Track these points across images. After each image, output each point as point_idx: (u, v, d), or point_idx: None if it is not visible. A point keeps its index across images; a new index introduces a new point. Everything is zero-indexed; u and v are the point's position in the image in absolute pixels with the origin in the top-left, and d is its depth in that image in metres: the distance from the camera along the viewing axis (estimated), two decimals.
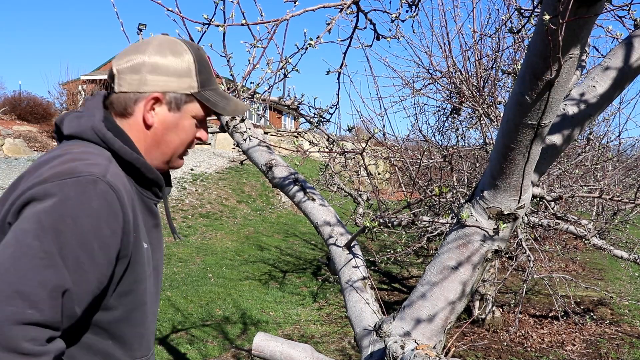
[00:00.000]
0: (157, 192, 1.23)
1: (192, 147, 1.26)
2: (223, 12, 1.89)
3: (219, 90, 1.24)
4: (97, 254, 1.00)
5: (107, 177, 1.04)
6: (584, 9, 1.04)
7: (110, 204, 1.02)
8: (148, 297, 1.18)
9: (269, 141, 2.44)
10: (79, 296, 0.99)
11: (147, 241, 1.17)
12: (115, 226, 1.03)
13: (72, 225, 0.97)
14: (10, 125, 16.38)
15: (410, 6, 1.89)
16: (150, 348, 1.24)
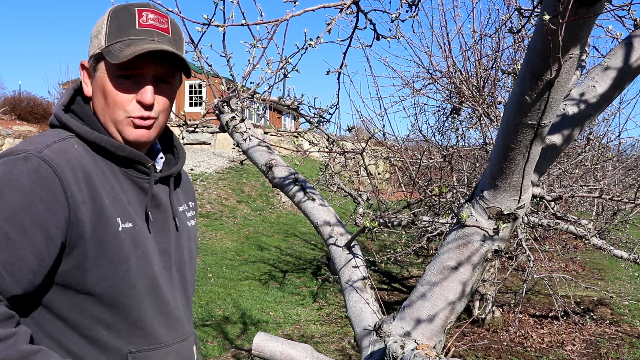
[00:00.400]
0: (140, 168, 1.17)
1: (138, 114, 1.13)
2: (223, 12, 1.89)
3: (134, 39, 1.10)
4: (29, 230, 0.97)
5: (43, 153, 1.02)
6: (584, 9, 1.04)
7: (44, 178, 0.99)
8: (137, 280, 1.11)
9: (269, 141, 2.44)
10: (11, 272, 0.96)
11: (133, 220, 1.12)
12: (52, 201, 0.99)
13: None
14: (10, 125, 16.38)
15: (410, 6, 1.89)
16: (155, 339, 1.17)
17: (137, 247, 1.12)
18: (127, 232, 1.10)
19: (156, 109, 1.15)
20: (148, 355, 1.15)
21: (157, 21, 1.14)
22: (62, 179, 1.01)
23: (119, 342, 1.11)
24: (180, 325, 1.24)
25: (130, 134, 1.14)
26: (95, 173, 1.08)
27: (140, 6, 1.15)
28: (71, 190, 1.02)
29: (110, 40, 1.10)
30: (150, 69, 1.12)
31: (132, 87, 1.12)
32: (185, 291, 1.29)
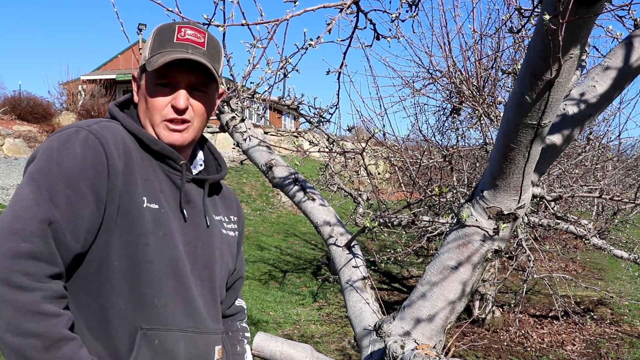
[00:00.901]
0: (172, 164, 1.28)
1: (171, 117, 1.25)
2: (223, 12, 1.89)
3: (170, 50, 1.24)
4: (85, 192, 1.11)
5: (92, 127, 1.17)
6: (584, 8, 1.04)
7: (93, 147, 1.14)
8: (155, 257, 1.18)
9: (269, 141, 2.45)
10: (72, 229, 1.09)
11: (160, 204, 1.21)
12: (101, 168, 1.13)
13: (57, 168, 1.09)
14: (10, 125, 16.38)
15: (410, 6, 1.89)
16: (169, 321, 1.20)
17: (159, 227, 1.20)
18: (151, 211, 1.19)
19: (190, 114, 1.27)
20: (159, 335, 1.19)
21: (194, 36, 1.27)
22: (105, 149, 1.15)
23: (133, 316, 1.17)
24: (200, 318, 1.27)
25: (165, 136, 1.27)
26: (134, 153, 1.21)
27: (182, 24, 1.29)
28: (112, 159, 1.15)
29: (152, 53, 1.26)
30: (184, 77, 1.25)
31: (168, 94, 1.26)
32: (212, 289, 1.33)
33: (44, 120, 17.75)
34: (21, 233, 1.03)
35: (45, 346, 1.00)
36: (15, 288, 1.00)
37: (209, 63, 1.25)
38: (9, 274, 1.00)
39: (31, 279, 1.02)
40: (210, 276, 1.32)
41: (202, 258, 1.30)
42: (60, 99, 21.88)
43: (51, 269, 1.06)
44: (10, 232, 1.03)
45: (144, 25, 22.77)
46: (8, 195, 10.54)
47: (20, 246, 1.02)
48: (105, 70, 25.35)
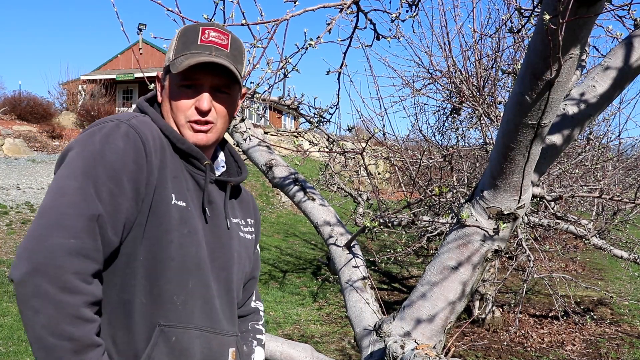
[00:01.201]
0: (197, 164, 1.29)
1: (195, 118, 1.27)
2: (223, 12, 1.89)
3: (195, 52, 1.25)
4: (126, 186, 1.12)
5: (131, 121, 1.19)
6: (584, 8, 1.04)
7: (134, 142, 1.15)
8: (178, 255, 1.19)
9: (269, 141, 2.44)
10: (114, 223, 1.10)
11: (187, 202, 1.23)
12: (141, 163, 1.15)
13: (101, 162, 1.11)
14: (10, 125, 16.38)
15: (410, 6, 1.89)
16: (186, 320, 1.21)
17: (184, 225, 1.21)
18: (178, 208, 1.21)
19: (213, 115, 1.29)
20: (177, 332, 1.20)
21: (217, 38, 1.28)
22: (145, 145, 1.17)
23: (152, 312, 1.17)
24: (217, 318, 1.28)
25: (190, 137, 1.28)
26: (167, 149, 1.24)
27: (206, 25, 1.30)
28: (150, 155, 1.17)
29: (176, 55, 1.27)
30: (207, 79, 1.26)
31: (192, 95, 1.27)
32: (228, 291, 1.33)
33: (44, 120, 17.74)
34: (70, 229, 1.03)
35: (75, 350, 1.02)
36: (61, 288, 1.01)
37: (231, 65, 1.26)
38: (59, 271, 1.01)
39: (78, 278, 1.03)
40: (227, 278, 1.32)
41: (220, 260, 1.31)
42: (60, 99, 21.89)
43: (96, 266, 1.07)
44: (59, 228, 1.03)
45: (144, 25, 22.74)
46: (8, 195, 10.55)
47: (69, 242, 1.02)
48: (105, 70, 25.35)
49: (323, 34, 1.66)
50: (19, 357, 4.78)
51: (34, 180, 12.00)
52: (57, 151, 15.84)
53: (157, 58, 24.73)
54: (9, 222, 9.01)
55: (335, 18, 1.62)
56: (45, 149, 15.82)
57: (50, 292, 1.00)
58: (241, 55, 1.33)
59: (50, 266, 1.00)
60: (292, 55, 1.96)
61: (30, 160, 14.16)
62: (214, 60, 1.23)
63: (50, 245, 1.01)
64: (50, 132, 16.94)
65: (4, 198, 10.25)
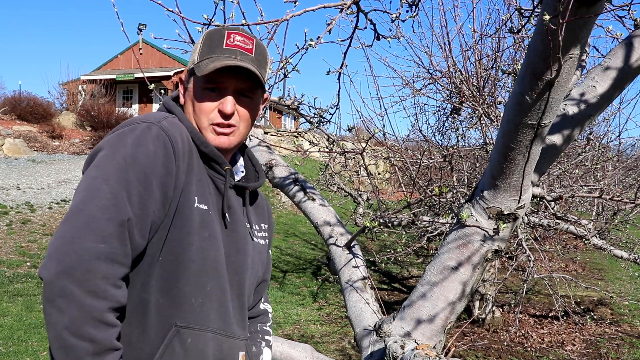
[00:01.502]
0: (217, 168, 1.29)
1: (217, 121, 1.27)
2: (223, 12, 1.89)
3: (220, 56, 1.25)
4: (155, 191, 1.13)
5: (162, 123, 1.19)
6: (584, 9, 1.04)
7: (164, 145, 1.16)
8: (197, 257, 1.21)
9: (269, 141, 2.44)
10: (141, 227, 1.11)
11: (208, 205, 1.24)
12: (170, 167, 1.16)
13: (132, 165, 1.11)
14: (10, 125, 16.38)
15: (410, 6, 1.89)
16: (202, 322, 1.22)
17: (205, 228, 1.22)
18: (200, 212, 1.22)
19: (236, 118, 1.29)
20: (192, 333, 1.21)
21: (242, 42, 1.29)
22: (175, 148, 1.17)
23: (171, 312, 1.19)
24: (229, 322, 1.29)
25: (212, 139, 1.29)
26: (194, 152, 1.25)
27: (231, 29, 1.32)
28: (179, 159, 1.18)
29: (201, 57, 1.27)
30: (231, 83, 1.27)
31: (215, 98, 1.28)
32: (240, 295, 1.34)
33: (44, 120, 17.74)
34: (100, 234, 1.04)
35: (95, 352, 1.03)
36: (88, 292, 1.02)
37: (256, 70, 1.27)
38: (87, 275, 1.02)
39: (107, 282, 1.04)
40: (240, 283, 1.33)
41: (235, 264, 1.32)
42: (60, 99, 21.90)
43: (124, 270, 1.08)
44: (90, 231, 1.04)
45: (144, 25, 22.75)
46: (8, 195, 10.55)
47: (99, 247, 1.03)
48: (105, 70, 25.35)
49: (323, 34, 1.66)
50: (19, 357, 4.78)
51: (34, 180, 12.00)
52: (57, 151, 15.85)
53: (157, 58, 24.74)
54: (9, 222, 9.01)
55: (335, 18, 1.62)
56: (45, 149, 15.82)
57: (77, 294, 1.01)
58: (265, 61, 1.33)
59: (79, 269, 1.02)
60: (292, 56, 1.96)
61: (30, 160, 14.16)
62: (239, 64, 1.24)
63: (80, 248, 1.02)
64: (50, 132, 16.95)
65: (4, 198, 10.25)
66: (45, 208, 10.15)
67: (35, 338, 5.21)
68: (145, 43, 24.33)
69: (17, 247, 8.03)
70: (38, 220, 9.45)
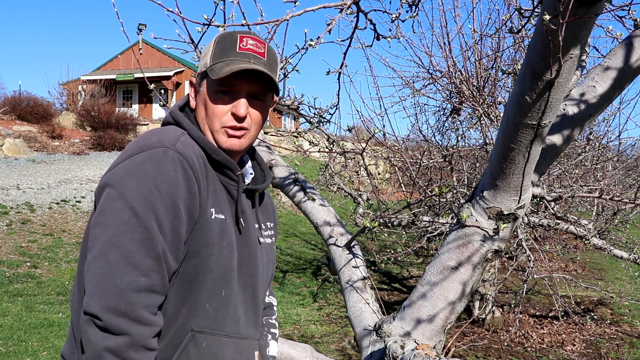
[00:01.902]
0: (229, 174, 1.31)
1: (231, 124, 1.28)
2: (223, 12, 1.89)
3: (234, 59, 1.26)
4: (182, 215, 1.15)
5: (177, 146, 1.19)
6: (584, 9, 1.04)
7: (184, 169, 1.17)
8: (216, 266, 1.23)
9: (269, 141, 2.44)
10: (175, 252, 1.15)
11: (225, 214, 1.26)
12: (193, 189, 1.18)
13: (159, 195, 1.12)
14: (10, 125, 16.37)
15: (410, 6, 1.89)
16: (217, 327, 1.25)
17: (223, 237, 1.25)
18: (218, 222, 1.24)
19: (248, 121, 1.30)
20: (208, 338, 1.24)
21: (255, 46, 1.30)
22: (194, 170, 1.19)
23: (187, 319, 1.22)
24: (242, 324, 1.33)
25: (224, 142, 1.30)
26: (208, 167, 1.27)
27: (243, 33, 1.32)
28: (199, 180, 1.20)
29: (214, 61, 1.28)
30: (244, 86, 1.28)
31: (228, 101, 1.29)
32: (254, 297, 1.37)
33: (44, 121, 17.74)
34: (140, 268, 1.08)
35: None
36: (134, 320, 1.06)
37: (271, 73, 1.28)
38: (130, 307, 1.06)
39: (149, 311, 1.09)
40: (253, 285, 1.36)
41: (248, 267, 1.34)
42: (60, 99, 21.89)
43: (162, 298, 1.13)
44: (129, 266, 1.07)
45: (144, 25, 22.75)
46: (8, 195, 10.55)
47: (140, 280, 1.08)
48: (105, 70, 25.35)
49: (323, 35, 1.66)
50: (19, 357, 4.78)
51: (34, 180, 12.00)
52: (57, 151, 15.85)
53: (157, 58, 24.74)
54: (9, 222, 9.01)
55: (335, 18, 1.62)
56: (45, 149, 15.82)
57: (125, 325, 1.06)
58: (276, 65, 1.35)
59: (122, 303, 1.06)
60: (292, 56, 1.96)
61: (30, 161, 14.15)
62: (255, 67, 1.25)
63: (121, 284, 1.06)
64: (51, 132, 16.94)
65: (4, 198, 10.25)
66: (45, 208, 10.15)
67: (35, 338, 5.21)
68: (145, 43, 24.33)
69: (17, 247, 8.02)
70: (38, 220, 9.45)
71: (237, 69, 1.23)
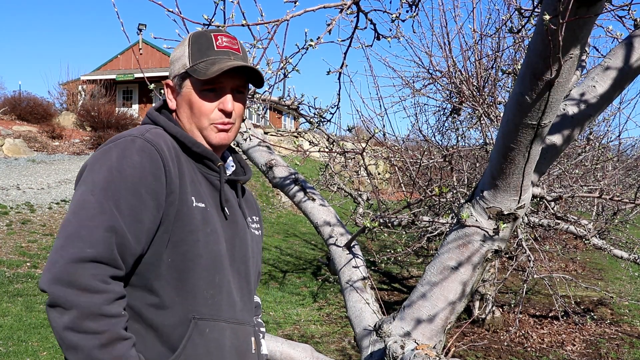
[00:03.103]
0: (211, 165, 1.35)
1: (220, 120, 1.33)
2: (223, 12, 1.89)
3: (215, 58, 1.31)
4: (146, 198, 1.17)
5: (145, 135, 1.24)
6: (584, 9, 1.04)
7: (149, 154, 1.20)
8: (204, 252, 1.26)
9: (269, 141, 2.44)
10: (136, 233, 1.16)
11: (205, 203, 1.30)
12: (158, 173, 1.20)
13: (119, 177, 1.16)
14: (10, 125, 16.38)
15: (410, 6, 1.89)
16: (216, 313, 1.28)
17: (206, 224, 1.28)
18: (199, 210, 1.28)
19: (234, 116, 1.36)
20: (209, 324, 1.27)
21: (230, 43, 1.35)
22: (162, 155, 1.22)
23: (185, 307, 1.24)
24: (238, 309, 1.35)
25: (214, 137, 1.35)
26: (182, 156, 1.30)
27: (215, 32, 1.37)
28: (168, 165, 1.22)
29: (195, 61, 1.32)
30: (229, 82, 1.33)
31: (214, 98, 1.34)
32: (248, 283, 1.41)
33: (44, 121, 17.74)
34: (87, 239, 1.10)
35: (102, 344, 1.07)
36: (81, 290, 1.06)
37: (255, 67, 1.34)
38: (74, 276, 1.07)
39: (96, 278, 1.08)
40: (245, 271, 1.40)
41: (239, 254, 1.38)
42: (60, 99, 21.89)
43: (114, 271, 1.12)
44: (76, 239, 1.10)
45: (144, 25, 22.75)
46: (8, 195, 10.55)
47: (85, 251, 1.09)
48: (105, 70, 25.34)
49: (323, 35, 1.66)
50: (19, 357, 4.78)
51: (34, 180, 12.00)
52: (57, 151, 15.85)
53: (157, 58, 24.73)
54: (9, 222, 9.01)
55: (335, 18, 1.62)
56: (45, 149, 15.82)
57: (70, 296, 1.06)
58: (247, 57, 1.41)
59: (67, 273, 1.07)
60: (292, 56, 1.96)
61: (30, 161, 14.15)
62: (242, 64, 1.30)
63: (67, 255, 1.08)
64: (50, 132, 16.94)
65: (4, 198, 10.25)
66: (45, 208, 10.15)
67: (35, 338, 5.21)
68: (145, 43, 24.32)
69: (17, 247, 8.02)
70: (38, 220, 9.45)
71: (227, 67, 1.28)
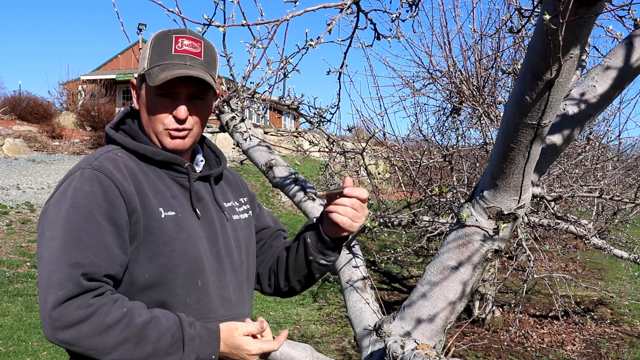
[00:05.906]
0: (178, 169, 1.34)
1: (173, 127, 1.31)
2: (223, 12, 1.89)
3: (169, 64, 1.28)
4: (103, 224, 1.18)
5: (93, 164, 1.24)
6: (584, 8, 1.04)
7: (99, 182, 1.20)
8: (182, 260, 1.26)
9: (269, 141, 2.45)
10: (107, 258, 1.17)
11: (176, 210, 1.29)
12: (112, 197, 1.20)
13: (74, 211, 1.17)
14: (10, 125, 16.38)
15: (410, 6, 1.89)
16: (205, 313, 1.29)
17: (181, 231, 1.28)
18: (170, 219, 1.27)
19: (190, 122, 1.33)
20: None
21: (191, 46, 1.31)
22: (113, 179, 1.21)
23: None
24: (230, 304, 1.36)
25: (168, 143, 1.33)
26: (138, 172, 1.28)
27: (178, 33, 1.33)
28: (122, 185, 1.22)
29: (151, 64, 1.30)
30: (183, 88, 1.30)
31: (168, 104, 1.31)
32: (236, 275, 1.40)
33: (44, 120, 17.74)
34: (56, 284, 1.12)
35: (135, 342, 1.13)
36: (77, 324, 1.11)
37: (207, 75, 1.30)
38: (65, 318, 1.11)
39: (81, 308, 1.12)
40: (232, 264, 1.39)
41: (223, 249, 1.37)
42: (60, 99, 21.89)
43: (93, 293, 1.15)
44: (50, 286, 1.13)
45: (144, 25, 22.77)
46: (8, 195, 10.55)
47: (59, 294, 1.11)
48: (105, 70, 25.34)
49: (323, 34, 1.66)
50: (19, 357, 4.78)
51: (34, 180, 12.00)
52: (57, 151, 15.85)
53: None
54: (9, 222, 9.01)
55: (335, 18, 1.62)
56: (45, 149, 15.82)
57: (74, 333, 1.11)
58: (214, 61, 1.37)
59: (58, 320, 1.11)
60: (292, 56, 1.96)
61: (30, 160, 14.15)
62: (189, 72, 1.26)
63: (49, 304, 1.12)
64: (50, 132, 16.95)
65: (4, 198, 10.25)
66: None
67: (35, 338, 5.21)
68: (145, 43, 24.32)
69: (17, 247, 8.02)
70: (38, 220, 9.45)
71: (172, 76, 1.25)
